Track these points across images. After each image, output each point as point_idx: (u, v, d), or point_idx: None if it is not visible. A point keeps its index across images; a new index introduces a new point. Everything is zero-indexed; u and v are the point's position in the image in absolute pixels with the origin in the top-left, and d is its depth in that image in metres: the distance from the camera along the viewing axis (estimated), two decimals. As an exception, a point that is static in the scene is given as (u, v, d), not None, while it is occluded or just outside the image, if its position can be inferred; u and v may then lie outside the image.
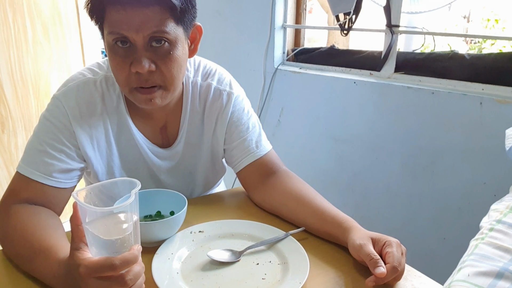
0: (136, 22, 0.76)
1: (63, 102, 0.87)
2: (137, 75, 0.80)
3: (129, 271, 0.58)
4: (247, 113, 1.03)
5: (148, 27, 0.77)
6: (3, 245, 0.79)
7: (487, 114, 1.37)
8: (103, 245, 0.58)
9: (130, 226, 0.59)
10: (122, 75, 0.81)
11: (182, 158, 1.01)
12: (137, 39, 0.77)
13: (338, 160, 1.88)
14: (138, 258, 0.59)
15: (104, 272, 0.57)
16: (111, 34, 0.78)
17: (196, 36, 0.90)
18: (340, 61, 1.92)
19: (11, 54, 2.06)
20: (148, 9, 0.76)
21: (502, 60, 1.44)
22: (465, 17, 4.19)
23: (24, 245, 0.73)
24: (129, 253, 0.58)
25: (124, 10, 0.75)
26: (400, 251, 0.71)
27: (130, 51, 0.79)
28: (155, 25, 0.77)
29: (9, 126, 2.11)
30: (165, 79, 0.82)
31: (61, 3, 2.27)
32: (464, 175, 1.46)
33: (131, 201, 0.58)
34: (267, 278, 0.72)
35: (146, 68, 0.78)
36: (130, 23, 0.76)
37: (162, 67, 0.81)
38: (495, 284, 0.53)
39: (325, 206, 0.87)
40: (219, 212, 0.96)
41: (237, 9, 2.18)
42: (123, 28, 0.76)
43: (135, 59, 0.79)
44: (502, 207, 0.70)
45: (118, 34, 0.77)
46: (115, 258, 0.56)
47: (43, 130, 0.86)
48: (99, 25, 0.82)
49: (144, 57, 0.78)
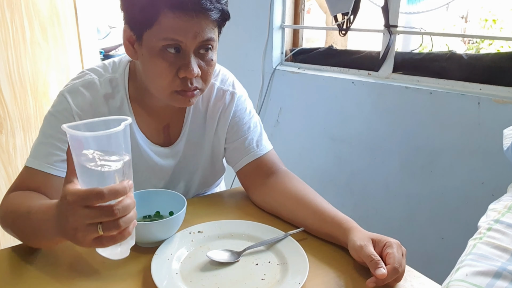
0: (195, 30, 0.77)
1: (68, 98, 0.88)
2: (183, 80, 0.82)
3: (118, 202, 0.57)
4: (249, 113, 1.04)
5: (204, 35, 0.79)
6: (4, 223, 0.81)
7: (485, 114, 1.38)
8: (92, 176, 0.58)
9: (120, 162, 0.59)
10: (166, 79, 0.82)
11: (183, 156, 1.01)
12: (190, 45, 0.79)
13: (336, 160, 1.88)
14: (128, 192, 0.58)
15: (91, 201, 0.56)
16: (164, 40, 0.78)
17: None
18: (338, 61, 1.92)
19: (9, 54, 2.05)
20: (209, 19, 0.77)
21: (499, 60, 1.44)
22: (463, 17, 4.19)
23: (20, 208, 0.75)
24: (118, 184, 0.57)
25: (186, 16, 0.75)
26: (401, 252, 0.71)
27: (178, 57, 0.80)
28: (209, 33, 0.79)
29: (7, 126, 2.11)
30: (205, 83, 0.86)
31: (59, 4, 2.26)
32: (462, 175, 1.47)
33: (121, 129, 0.57)
34: (266, 279, 0.72)
35: (196, 73, 0.81)
36: (188, 30, 0.77)
37: (204, 72, 0.84)
38: (493, 284, 0.53)
39: (324, 207, 0.87)
40: (218, 212, 0.96)
41: (236, 9, 2.18)
42: (181, 34, 0.77)
43: (184, 65, 0.80)
44: (500, 207, 0.70)
45: (172, 40, 0.78)
46: (103, 188, 0.56)
47: (48, 125, 0.88)
48: (138, 29, 0.80)
49: (194, 62, 0.80)
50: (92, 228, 0.57)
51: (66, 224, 0.59)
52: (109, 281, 0.71)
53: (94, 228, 0.57)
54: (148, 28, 0.78)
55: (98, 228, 0.57)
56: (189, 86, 0.83)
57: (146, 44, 0.80)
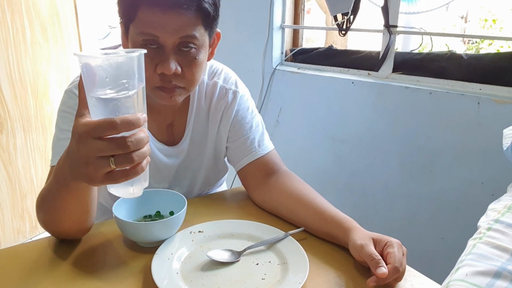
0: (171, 25, 0.77)
1: (76, 93, 0.89)
2: (161, 76, 0.82)
3: (131, 135, 0.54)
4: (251, 112, 1.04)
5: (181, 31, 0.78)
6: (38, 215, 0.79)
7: (485, 114, 1.38)
8: (104, 107, 0.55)
9: (133, 90, 0.56)
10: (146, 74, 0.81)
11: (187, 155, 1.02)
12: (168, 41, 0.79)
13: (336, 160, 1.89)
14: (142, 125, 0.55)
15: (104, 131, 0.53)
16: (142, 34, 0.79)
17: (215, 41, 0.93)
18: (338, 61, 1.92)
19: (9, 54, 2.05)
20: (184, 14, 0.77)
21: (499, 60, 1.44)
22: (462, 17, 4.19)
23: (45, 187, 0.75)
24: (131, 115, 0.54)
25: (160, 12, 0.76)
26: (401, 252, 0.72)
27: (157, 52, 0.80)
28: (187, 30, 0.79)
29: (7, 126, 2.11)
30: (187, 82, 0.85)
31: (60, 4, 2.26)
32: (462, 175, 1.47)
33: (135, 55, 0.55)
34: (266, 278, 0.72)
35: (173, 70, 0.80)
36: (164, 26, 0.77)
37: (186, 71, 0.83)
38: (493, 284, 0.53)
39: (325, 207, 0.88)
40: (218, 212, 0.96)
41: (236, 9, 2.18)
42: (157, 29, 0.77)
43: (162, 61, 0.80)
44: (500, 207, 0.70)
45: (150, 35, 0.78)
46: (116, 117, 0.53)
47: (62, 121, 0.89)
48: (125, 22, 0.82)
49: (172, 59, 0.80)
50: (104, 162, 0.54)
51: (78, 159, 0.56)
52: (110, 280, 0.72)
53: (106, 161, 0.54)
54: (131, 22, 0.80)
55: (110, 161, 0.54)
56: (167, 83, 0.82)
57: (130, 39, 0.82)
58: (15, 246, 0.84)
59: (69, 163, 0.60)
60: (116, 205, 0.82)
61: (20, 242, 0.81)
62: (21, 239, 2.27)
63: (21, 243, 0.82)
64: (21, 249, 0.82)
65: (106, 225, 0.89)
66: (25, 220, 2.27)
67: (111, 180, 0.56)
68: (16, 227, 2.25)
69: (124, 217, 0.80)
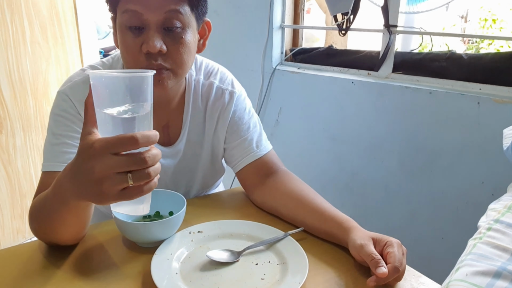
0: (154, 1, 0.77)
1: (69, 96, 0.88)
2: (147, 55, 0.80)
3: (148, 150, 0.54)
4: (248, 113, 1.04)
5: (165, 6, 0.78)
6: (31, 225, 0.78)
7: (485, 114, 1.38)
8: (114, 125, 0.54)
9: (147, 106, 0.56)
10: (131, 54, 0.81)
11: (183, 156, 1.01)
12: (151, 19, 0.78)
13: (336, 160, 1.88)
14: (157, 141, 0.56)
15: (123, 146, 0.52)
16: (126, 12, 0.79)
17: (205, 32, 0.92)
18: (338, 61, 1.92)
19: (9, 54, 2.05)
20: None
21: (499, 60, 1.44)
22: (462, 17, 4.19)
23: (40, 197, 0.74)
24: (150, 131, 0.54)
25: None
26: (401, 252, 0.72)
27: (143, 33, 0.80)
28: (171, 4, 0.78)
29: (7, 126, 2.11)
30: (175, 63, 0.83)
31: (59, 3, 2.26)
32: (462, 175, 1.47)
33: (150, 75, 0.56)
34: (266, 278, 0.72)
35: (158, 47, 0.79)
36: (147, 2, 0.77)
37: (172, 51, 0.81)
38: (493, 284, 0.53)
39: (324, 206, 0.87)
40: (218, 212, 0.96)
41: (235, 9, 2.18)
42: (140, 5, 0.77)
43: (146, 39, 0.79)
44: (500, 207, 0.70)
45: (133, 12, 0.78)
46: (136, 133, 0.52)
47: (55, 125, 0.88)
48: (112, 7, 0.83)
49: (157, 37, 0.79)
50: (122, 178, 0.53)
51: (91, 175, 0.54)
52: (109, 281, 0.71)
53: (123, 177, 0.53)
54: (117, 6, 0.81)
55: (128, 177, 0.53)
56: (153, 63, 0.80)
57: (118, 26, 0.82)
58: (14, 247, 0.83)
59: (73, 183, 0.59)
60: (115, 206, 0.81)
61: (20, 243, 0.81)
62: (21, 239, 2.27)
63: (20, 243, 0.81)
64: (21, 250, 0.82)
65: (106, 225, 0.89)
66: (25, 220, 2.27)
67: (125, 196, 0.55)
68: (16, 227, 2.25)
69: (123, 218, 0.80)
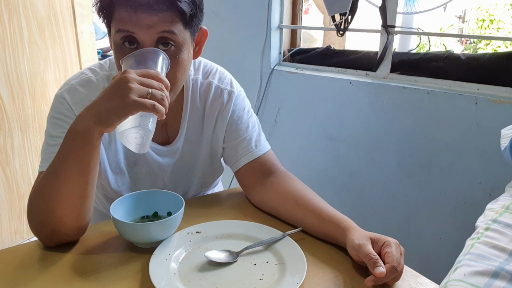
0: (145, 22, 0.77)
1: (66, 99, 0.89)
2: None
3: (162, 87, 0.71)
4: (247, 112, 1.04)
5: (157, 27, 0.78)
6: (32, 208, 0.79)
7: (482, 114, 1.38)
8: None
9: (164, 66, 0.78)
10: None
11: (181, 155, 1.01)
12: (145, 39, 0.78)
13: (334, 160, 1.89)
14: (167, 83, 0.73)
15: (148, 76, 0.70)
16: (119, 32, 0.79)
17: (201, 38, 0.91)
18: (336, 62, 1.92)
19: (6, 54, 2.05)
20: (158, 11, 0.77)
21: (497, 60, 1.44)
22: (460, 17, 4.21)
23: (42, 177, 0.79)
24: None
25: (133, 10, 0.76)
26: (399, 251, 0.72)
27: (137, 49, 0.80)
28: (164, 26, 0.78)
29: (5, 127, 2.10)
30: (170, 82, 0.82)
31: (57, 4, 2.26)
32: (460, 175, 1.47)
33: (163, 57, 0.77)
34: (264, 279, 0.72)
35: None
36: (138, 23, 0.77)
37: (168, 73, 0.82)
38: (491, 284, 0.54)
39: (323, 207, 0.87)
40: (216, 213, 0.96)
41: (234, 9, 2.18)
42: (132, 26, 0.77)
43: None
44: (498, 207, 0.71)
45: (126, 31, 0.78)
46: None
47: (52, 128, 0.88)
48: (106, 22, 0.83)
49: None
50: (144, 90, 0.68)
51: (122, 83, 0.68)
52: (108, 281, 0.71)
53: (145, 90, 0.68)
54: (110, 22, 0.81)
55: (148, 91, 0.68)
56: None
57: (112, 39, 0.83)
58: (12, 247, 0.83)
59: (99, 103, 0.71)
60: (114, 206, 0.81)
61: (18, 243, 0.81)
62: (19, 240, 2.27)
63: (18, 244, 0.81)
64: (19, 250, 0.82)
65: (104, 226, 0.89)
66: (23, 221, 2.27)
67: (142, 106, 0.67)
68: (14, 228, 2.24)
69: (122, 218, 0.80)
